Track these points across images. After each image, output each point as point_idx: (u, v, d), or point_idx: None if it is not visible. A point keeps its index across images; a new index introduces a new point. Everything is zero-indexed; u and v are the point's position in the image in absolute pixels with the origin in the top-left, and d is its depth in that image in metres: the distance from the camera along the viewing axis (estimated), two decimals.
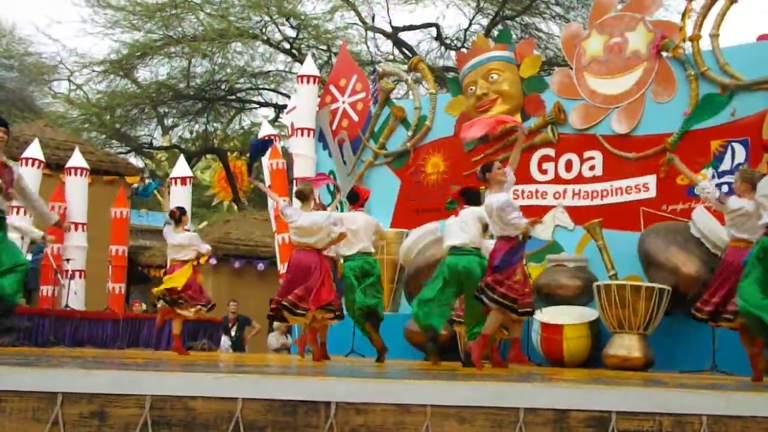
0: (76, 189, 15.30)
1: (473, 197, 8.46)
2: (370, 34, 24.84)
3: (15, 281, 6.81)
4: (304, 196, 8.74)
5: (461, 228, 8.21)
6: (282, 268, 13.76)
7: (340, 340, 10.99)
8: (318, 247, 8.55)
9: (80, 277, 14.45)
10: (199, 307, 9.95)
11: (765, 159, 10.12)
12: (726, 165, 10.44)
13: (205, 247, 10.35)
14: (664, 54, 11.10)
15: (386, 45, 25.04)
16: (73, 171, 15.42)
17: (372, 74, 15.36)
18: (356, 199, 9.53)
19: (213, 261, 10.41)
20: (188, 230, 10.43)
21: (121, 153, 26.94)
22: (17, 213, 13.42)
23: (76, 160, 15.57)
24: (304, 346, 10.41)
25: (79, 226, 15.00)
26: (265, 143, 9.93)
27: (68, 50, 27.32)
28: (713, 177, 10.31)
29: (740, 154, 10.36)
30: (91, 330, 12.72)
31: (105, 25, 24.46)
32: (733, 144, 10.44)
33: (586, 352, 10.04)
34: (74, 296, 13.75)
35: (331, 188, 13.54)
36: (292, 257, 8.74)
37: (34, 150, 15.02)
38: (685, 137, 10.79)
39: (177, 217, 10.10)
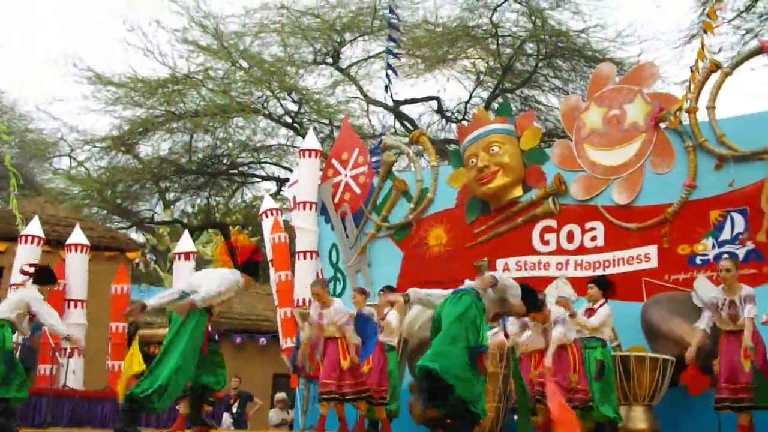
0: (77, 266, 15.27)
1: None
2: (373, 107, 25.06)
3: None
4: None
5: None
6: (284, 342, 13.72)
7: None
8: None
9: (79, 355, 13.83)
10: None
11: (765, 227, 10.19)
12: (726, 235, 10.47)
13: None
14: (662, 125, 11.21)
15: (388, 118, 25.31)
16: (73, 247, 15.40)
17: (378, 145, 15.48)
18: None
19: (215, 336, 10.28)
20: None
21: (122, 228, 26.96)
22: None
23: (77, 236, 15.57)
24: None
25: (79, 304, 14.93)
26: None
27: (69, 127, 27.45)
28: (713, 247, 10.36)
29: (739, 223, 10.39)
30: (90, 410, 12.47)
31: (106, 101, 24.68)
32: (732, 214, 10.47)
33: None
34: (73, 375, 13.57)
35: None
36: None
37: (34, 227, 15.04)
38: (685, 207, 10.85)
39: None
